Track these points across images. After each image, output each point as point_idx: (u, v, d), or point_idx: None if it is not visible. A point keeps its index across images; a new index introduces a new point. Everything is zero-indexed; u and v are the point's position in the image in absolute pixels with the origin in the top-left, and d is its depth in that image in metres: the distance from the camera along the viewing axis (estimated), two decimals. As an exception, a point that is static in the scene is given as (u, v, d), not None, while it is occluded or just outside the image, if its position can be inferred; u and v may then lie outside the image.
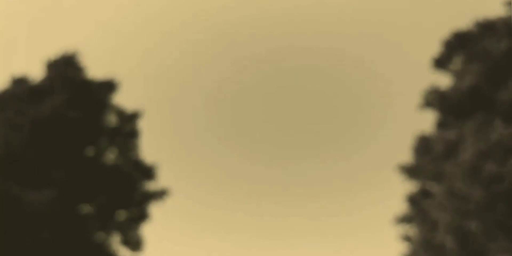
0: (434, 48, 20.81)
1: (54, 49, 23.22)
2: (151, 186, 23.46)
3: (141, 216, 22.93)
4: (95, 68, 23.27)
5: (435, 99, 20.03)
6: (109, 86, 22.59)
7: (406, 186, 20.31)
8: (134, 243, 22.66)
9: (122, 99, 23.73)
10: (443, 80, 20.62)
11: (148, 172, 23.37)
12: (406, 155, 20.43)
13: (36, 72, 22.88)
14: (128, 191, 22.60)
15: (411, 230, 20.09)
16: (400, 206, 20.49)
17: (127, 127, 22.85)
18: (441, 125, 20.10)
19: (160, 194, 23.28)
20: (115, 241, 22.79)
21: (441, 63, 20.63)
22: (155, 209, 23.36)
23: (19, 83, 21.94)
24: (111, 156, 22.92)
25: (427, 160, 19.66)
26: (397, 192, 20.61)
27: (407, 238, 20.05)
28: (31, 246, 20.10)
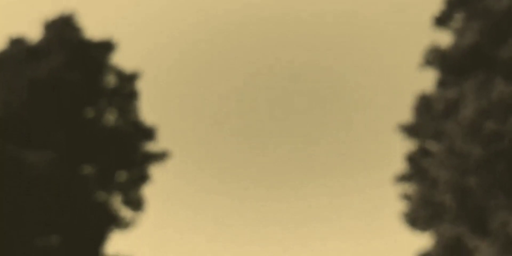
0: (435, 6, 20.38)
1: (52, 10, 22.78)
2: (151, 147, 23.26)
3: (142, 177, 22.78)
4: (92, 29, 22.85)
5: (435, 57, 19.67)
6: (107, 47, 22.16)
7: (406, 145, 20.10)
8: (135, 203, 22.56)
9: (121, 60, 23.33)
10: (444, 39, 20.24)
11: (148, 133, 23.13)
12: (406, 115, 20.18)
13: (33, 33, 22.45)
14: (128, 152, 22.39)
15: (410, 188, 19.96)
16: (400, 165, 20.33)
17: (126, 88, 22.52)
18: (442, 84, 19.79)
19: (160, 156, 23.09)
20: (116, 201, 22.70)
21: (442, 21, 20.21)
22: (155, 171, 23.24)
23: (17, 44, 21.51)
24: (110, 117, 22.64)
25: (427, 119, 19.41)
26: (398, 151, 20.42)
27: (406, 197, 19.94)
28: (33, 207, 19.97)
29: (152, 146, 23.24)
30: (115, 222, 22.08)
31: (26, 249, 19.36)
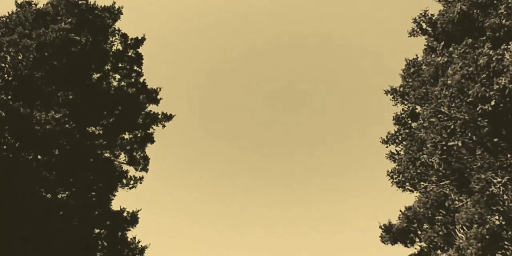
0: (427, -25, 20.77)
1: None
2: (155, 109, 23.94)
3: (146, 137, 23.48)
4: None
5: (425, 25, 20.14)
6: (112, 12, 22.62)
7: (396, 108, 20.71)
8: (139, 163, 23.30)
9: (125, 26, 23.81)
10: (434, 7, 20.68)
11: (151, 96, 23.76)
12: (396, 80, 20.70)
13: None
14: (133, 113, 23.04)
15: (399, 149, 20.64)
16: (389, 128, 20.98)
17: (130, 52, 23.05)
18: (431, 50, 20.31)
19: (163, 117, 23.75)
20: (121, 161, 23.44)
21: (433, -11, 20.64)
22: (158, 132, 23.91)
23: (25, 8, 21.96)
24: (115, 80, 23.25)
25: (416, 83, 19.97)
26: (387, 114, 21.01)
27: (394, 157, 20.63)
28: (43, 163, 20.69)
29: (155, 108, 23.95)
30: (120, 180, 22.86)
31: (37, 204, 20.06)
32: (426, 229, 21.47)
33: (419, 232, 21.87)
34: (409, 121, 20.42)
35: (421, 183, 20.50)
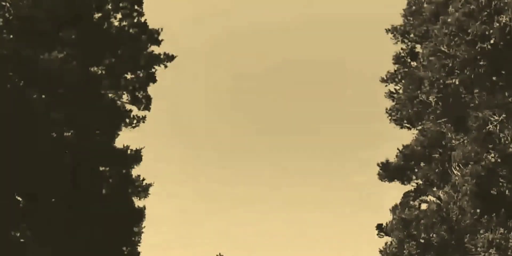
0: None
1: None
2: (157, 50, 23.60)
3: (148, 77, 23.26)
4: None
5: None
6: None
7: (396, 47, 20.37)
8: (141, 102, 23.18)
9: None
10: None
11: (153, 37, 23.39)
12: (397, 18, 20.29)
13: None
14: (135, 53, 22.75)
15: (397, 88, 20.42)
16: (389, 66, 20.69)
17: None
18: (433, -12, 19.77)
19: (165, 58, 23.45)
20: (124, 101, 23.31)
21: None
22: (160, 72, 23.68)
23: None
24: (116, 19, 22.83)
25: (417, 22, 19.55)
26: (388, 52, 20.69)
27: (393, 96, 20.43)
28: (48, 102, 20.60)
29: (157, 49, 23.60)
30: (124, 119, 22.78)
31: (43, 141, 20.08)
32: (423, 167, 21.48)
33: (416, 170, 21.90)
34: (409, 60, 20.10)
35: (419, 122, 20.37)
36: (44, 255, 18.64)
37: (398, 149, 21.82)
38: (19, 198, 19.98)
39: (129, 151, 22.46)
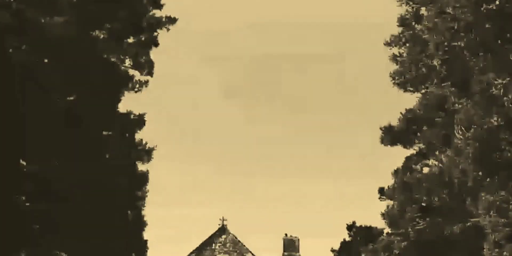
0: None
1: None
2: (159, 14, 23.22)
3: (150, 41, 22.94)
4: None
5: None
6: None
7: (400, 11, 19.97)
8: (144, 67, 22.92)
9: None
10: None
11: (154, 0, 22.99)
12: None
13: None
14: (137, 17, 22.39)
15: (402, 51, 20.11)
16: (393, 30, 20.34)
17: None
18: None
19: (167, 21, 23.09)
20: (127, 65, 23.05)
21: None
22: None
23: None
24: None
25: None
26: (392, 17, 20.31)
27: (397, 59, 20.13)
28: (49, 65, 20.38)
29: (159, 13, 23.21)
30: (126, 83, 22.57)
31: (46, 107, 19.93)
32: (425, 131, 21.34)
33: (418, 134, 21.77)
34: (413, 23, 19.73)
35: (423, 85, 20.13)
36: (48, 217, 18.67)
37: (401, 113, 21.67)
38: (23, 162, 19.93)
39: (132, 116, 22.34)
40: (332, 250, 23.47)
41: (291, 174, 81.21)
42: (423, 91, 20.46)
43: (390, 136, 22.07)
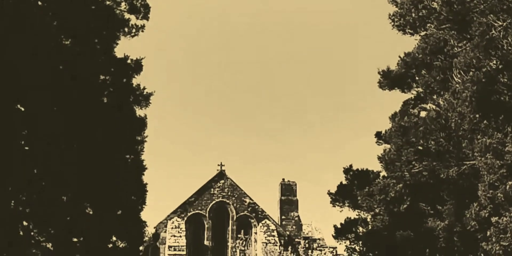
0: None
1: None
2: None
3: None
4: None
5: None
6: None
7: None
8: (140, 11, 22.43)
9: None
10: None
11: None
12: None
13: None
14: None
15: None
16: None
17: None
18: None
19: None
20: (122, 9, 22.55)
21: None
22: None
23: None
24: None
25: None
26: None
27: (396, 1, 19.73)
28: (44, 9, 19.93)
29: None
30: (122, 27, 22.13)
31: (41, 49, 19.54)
32: (424, 75, 21.16)
33: (416, 78, 21.60)
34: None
35: (422, 28, 19.79)
36: (50, 160, 18.67)
37: (399, 56, 21.41)
38: (21, 108, 19.78)
39: (129, 61, 22.01)
40: (329, 193, 23.69)
41: (287, 115, 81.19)
42: (422, 33, 20.13)
43: (388, 80, 21.90)
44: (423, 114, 21.99)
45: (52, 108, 19.66)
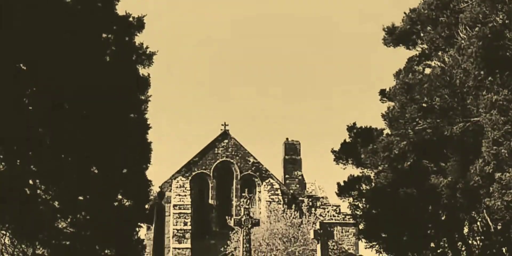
0: None
1: None
2: None
3: None
4: None
5: None
6: None
7: None
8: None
9: None
10: None
11: None
12: None
13: None
14: None
15: None
16: None
17: None
18: None
19: None
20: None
21: None
22: None
23: None
24: None
25: None
26: None
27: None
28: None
29: None
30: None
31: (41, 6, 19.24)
32: (429, 31, 20.87)
33: (421, 34, 21.32)
34: None
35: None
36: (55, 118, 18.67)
37: (404, 12, 21.09)
38: (23, 67, 19.65)
39: (131, 18, 21.72)
40: (333, 151, 23.72)
41: (292, 72, 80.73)
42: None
43: (393, 37, 21.64)
44: (428, 71, 21.80)
45: (53, 65, 19.47)
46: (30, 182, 19.27)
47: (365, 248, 25.13)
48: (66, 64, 19.35)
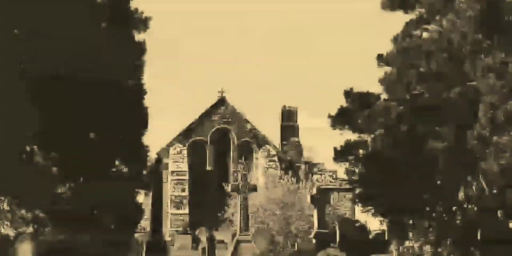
0: None
1: None
2: None
3: None
4: None
5: None
6: None
7: None
8: None
9: None
10: None
11: None
12: None
13: None
14: None
15: None
16: None
17: None
18: None
19: None
20: None
21: None
22: None
23: None
24: None
25: None
26: None
27: None
28: None
29: None
30: None
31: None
32: (427, -5, 20.63)
33: None
34: None
35: None
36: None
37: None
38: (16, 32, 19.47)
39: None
40: (329, 116, 23.70)
41: (289, 44, 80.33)
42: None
43: (391, 0, 21.41)
44: (425, 35, 21.63)
45: (47, 31, 19.30)
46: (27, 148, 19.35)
47: (361, 212, 25.34)
48: (61, 29, 19.20)
